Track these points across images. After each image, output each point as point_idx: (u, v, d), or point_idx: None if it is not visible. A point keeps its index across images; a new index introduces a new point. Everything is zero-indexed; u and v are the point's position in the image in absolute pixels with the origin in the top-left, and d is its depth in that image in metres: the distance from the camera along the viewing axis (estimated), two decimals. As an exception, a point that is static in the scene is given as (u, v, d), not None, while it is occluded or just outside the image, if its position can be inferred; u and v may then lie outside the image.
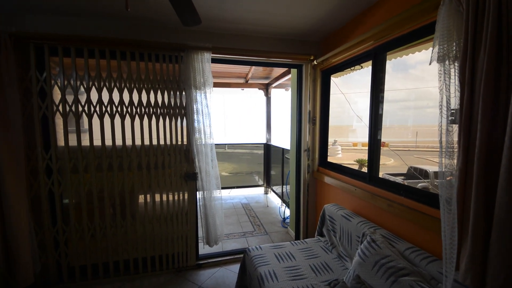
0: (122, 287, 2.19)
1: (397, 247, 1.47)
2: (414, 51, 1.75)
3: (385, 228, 1.72)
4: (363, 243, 1.56)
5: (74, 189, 2.11)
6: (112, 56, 2.08)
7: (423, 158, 8.29)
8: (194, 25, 1.43)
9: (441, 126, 1.07)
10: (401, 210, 1.57)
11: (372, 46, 1.87)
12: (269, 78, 4.61)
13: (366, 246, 1.51)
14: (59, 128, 2.09)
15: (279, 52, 2.47)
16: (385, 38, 1.72)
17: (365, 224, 1.74)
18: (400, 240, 1.53)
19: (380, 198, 1.75)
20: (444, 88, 1.07)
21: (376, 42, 1.80)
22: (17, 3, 1.80)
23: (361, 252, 1.52)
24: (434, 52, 1.10)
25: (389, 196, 1.70)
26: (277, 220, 3.71)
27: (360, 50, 1.98)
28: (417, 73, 10.82)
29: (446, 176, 1.06)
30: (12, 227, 1.83)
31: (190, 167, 2.36)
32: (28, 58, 1.93)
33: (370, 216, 1.89)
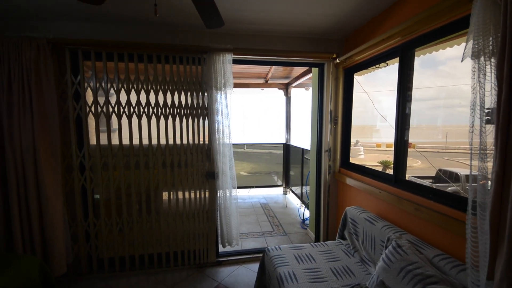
0: (146, 280, 2.29)
1: (425, 254, 1.40)
2: (445, 47, 1.66)
3: (412, 233, 1.64)
4: (388, 248, 1.50)
5: (104, 185, 2.25)
6: (139, 59, 2.19)
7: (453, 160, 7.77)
8: (217, 27, 1.46)
9: (473, 126, 1.01)
10: (429, 215, 1.49)
11: (399, 43, 1.79)
12: (289, 77, 4.58)
13: (392, 251, 1.45)
14: (91, 128, 2.23)
15: (300, 51, 2.45)
16: (414, 33, 1.64)
17: (390, 228, 1.67)
18: (428, 246, 1.46)
19: (406, 202, 1.67)
20: (477, 86, 1.00)
21: (404, 38, 1.72)
22: (53, 11, 1.95)
23: (386, 257, 1.46)
24: (468, 47, 1.04)
25: (417, 199, 1.62)
26: (296, 221, 3.68)
27: (386, 47, 1.90)
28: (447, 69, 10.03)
29: (479, 180, 0.99)
30: (49, 220, 1.99)
31: (211, 166, 2.41)
32: (64, 62, 2.09)
33: (395, 220, 1.82)
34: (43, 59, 1.91)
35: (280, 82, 4.91)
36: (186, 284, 2.23)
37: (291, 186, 5.06)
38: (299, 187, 4.52)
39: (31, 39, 1.88)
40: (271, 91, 5.17)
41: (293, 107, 5.09)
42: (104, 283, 2.23)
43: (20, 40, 1.86)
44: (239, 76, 4.36)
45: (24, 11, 1.92)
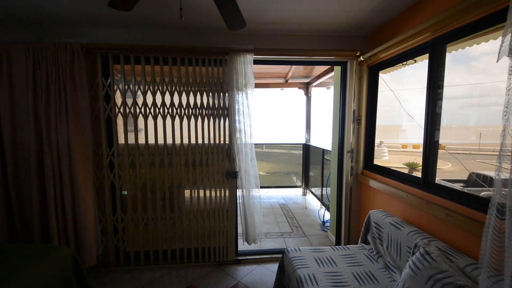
0: (169, 274, 2.37)
1: (456, 262, 1.31)
2: (480, 41, 1.54)
3: (442, 239, 1.55)
4: (415, 254, 1.43)
5: (131, 182, 2.36)
6: (164, 62, 2.27)
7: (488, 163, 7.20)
8: (239, 28, 1.48)
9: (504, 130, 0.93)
10: (461, 221, 1.40)
11: (429, 38, 1.69)
12: (310, 77, 4.51)
13: (419, 259, 1.38)
14: (120, 127, 2.35)
15: (322, 49, 2.40)
16: (446, 28, 1.54)
17: (418, 234, 1.59)
18: (459, 254, 1.37)
19: (436, 206, 1.58)
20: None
21: (434, 33, 1.62)
22: (86, 18, 2.08)
23: (413, 264, 1.39)
24: (505, 44, 0.95)
25: (447, 204, 1.53)
26: (316, 223, 3.61)
27: (414, 43, 1.81)
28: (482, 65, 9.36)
29: (510, 184, 0.91)
30: (81, 214, 2.13)
31: (231, 166, 2.44)
32: (95, 66, 2.22)
33: (423, 226, 1.72)
34: (77, 63, 2.04)
35: (300, 82, 4.85)
36: (207, 280, 2.28)
37: (310, 187, 4.99)
38: (319, 188, 4.44)
39: (67, 45, 2.02)
40: (291, 90, 5.13)
41: (313, 106, 5.01)
42: (130, 275, 2.35)
43: (56, 45, 2.01)
44: (259, 76, 4.37)
45: (59, 18, 2.07)
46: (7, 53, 1.99)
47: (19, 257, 1.55)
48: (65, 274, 1.63)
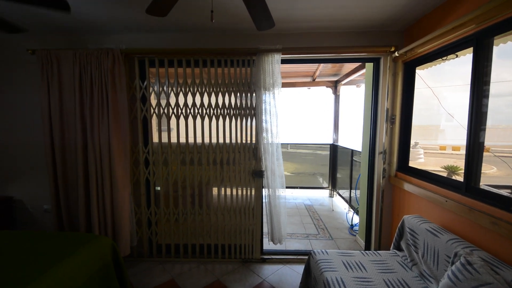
0: (197, 267, 2.47)
1: (503, 275, 1.19)
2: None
3: (486, 250, 1.41)
4: (455, 264, 1.33)
5: (164, 178, 2.50)
6: (195, 64, 2.37)
7: (543, 168, 6.36)
8: (268, 28, 1.49)
9: None
10: (510, 230, 1.27)
11: (473, 30, 1.56)
12: (339, 75, 4.38)
13: (460, 269, 1.28)
14: (153, 127, 2.50)
15: (352, 46, 2.32)
16: (493, 19, 1.40)
17: (458, 243, 1.47)
18: (507, 266, 1.24)
19: (480, 213, 1.45)
20: None
21: (480, 25, 1.49)
22: (125, 25, 2.24)
23: (452, 274, 1.29)
24: None
25: (494, 212, 1.39)
26: (344, 226, 3.50)
27: (456, 36, 1.67)
28: (534, 59, 8.14)
29: None
30: (119, 207, 2.30)
31: (257, 165, 2.46)
32: (133, 69, 2.38)
33: (465, 234, 1.59)
34: (117, 67, 2.21)
35: (329, 80, 4.73)
36: (233, 276, 2.33)
37: (338, 189, 4.84)
38: (347, 190, 4.29)
39: (108, 51, 2.19)
40: (318, 89, 5.02)
41: (342, 105, 4.85)
42: (162, 266, 2.48)
43: (99, 51, 2.19)
44: (285, 76, 4.35)
45: (102, 26, 2.25)
46: (57, 59, 2.22)
47: (67, 244, 1.73)
48: (105, 261, 1.77)
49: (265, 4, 1.27)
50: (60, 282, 1.40)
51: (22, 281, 1.30)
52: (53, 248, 1.66)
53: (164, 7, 1.25)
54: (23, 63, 2.47)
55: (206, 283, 2.23)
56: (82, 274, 1.55)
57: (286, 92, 5.62)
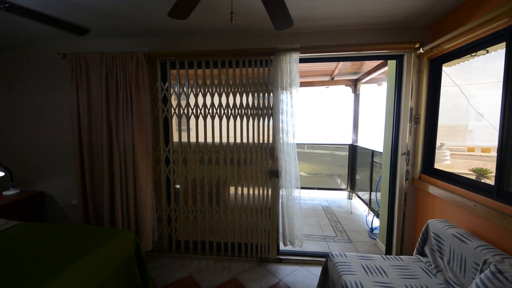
0: (214, 264, 2.51)
1: (542, 288, 1.10)
2: None
3: (521, 259, 1.31)
4: (484, 272, 1.25)
5: (183, 176, 2.57)
6: (214, 65, 2.41)
7: None
8: (286, 27, 1.48)
9: None
10: (551, 240, 1.17)
11: (506, 24, 1.45)
12: (359, 73, 4.26)
13: (489, 277, 1.20)
14: (174, 127, 2.58)
15: (374, 43, 2.25)
16: (532, 11, 1.30)
17: (488, 250, 1.38)
18: (547, 279, 1.14)
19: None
20: None
21: (515, 18, 1.39)
22: (148, 29, 2.32)
23: (481, 283, 1.22)
24: None
25: (531, 219, 1.29)
26: (363, 229, 3.40)
27: (487, 31, 1.57)
28: None
29: None
30: (141, 203, 2.39)
31: (274, 165, 2.46)
32: (156, 71, 2.47)
33: (495, 241, 1.49)
34: (141, 70, 2.31)
35: (348, 79, 4.62)
36: (249, 275, 2.34)
37: (357, 191, 4.71)
38: (366, 192, 4.17)
39: (132, 54, 2.29)
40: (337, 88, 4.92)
41: (362, 105, 4.72)
42: (181, 262, 2.55)
43: (124, 54, 2.30)
44: (303, 75, 4.31)
45: (127, 31, 2.35)
46: (85, 63, 2.36)
47: (93, 237, 1.83)
48: (128, 254, 1.85)
49: (284, 3, 1.27)
50: (88, 273, 1.49)
51: (54, 270, 1.40)
52: (81, 240, 1.76)
53: (185, 10, 1.29)
54: (54, 67, 2.65)
55: (223, 281, 2.26)
56: (109, 266, 1.64)
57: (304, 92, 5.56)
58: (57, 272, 1.38)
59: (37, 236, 1.83)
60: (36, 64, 2.71)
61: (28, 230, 1.91)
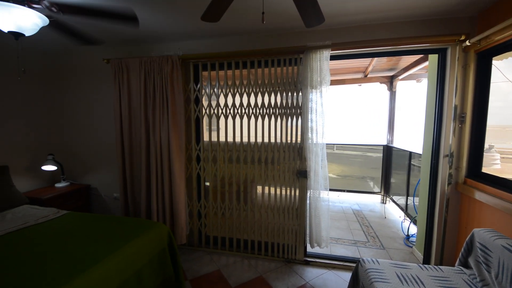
0: (241, 262, 2.56)
1: None
2: None
3: None
4: (546, 292, 1.10)
5: (212, 174, 2.66)
6: (244, 66, 2.46)
7: None
8: (317, 24, 1.45)
9: None
10: None
11: None
12: (395, 69, 4.01)
13: (552, 299, 1.05)
14: (204, 126, 2.68)
15: (412, 37, 2.10)
16: None
17: (551, 267, 1.21)
18: None
19: None
20: None
21: None
22: (181, 33, 2.45)
23: (541, 304, 1.07)
24: None
25: None
26: (398, 236, 3.20)
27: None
28: None
29: None
30: (175, 198, 2.53)
31: (302, 165, 2.43)
32: (188, 73, 2.59)
33: (561, 258, 1.30)
34: (175, 72, 2.44)
35: (383, 76, 4.37)
36: (275, 274, 2.34)
37: (391, 195, 4.44)
38: (402, 197, 3.90)
39: (168, 57, 2.42)
40: (371, 86, 4.68)
41: (398, 103, 4.43)
42: (209, 257, 2.65)
43: (161, 58, 2.44)
44: (334, 72, 4.17)
45: (163, 35, 2.50)
46: (127, 67, 2.56)
47: (132, 227, 1.97)
48: (162, 246, 1.97)
49: (315, 0, 1.25)
50: (127, 260, 1.62)
51: (98, 256, 1.54)
52: (121, 230, 1.92)
53: (217, 13, 1.33)
54: (100, 71, 2.92)
55: (249, 278, 2.29)
56: (144, 256, 1.76)
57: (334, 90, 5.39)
58: (101, 258, 1.52)
59: (83, 225, 2.02)
60: (85, 68, 3.02)
61: (76, 219, 2.13)
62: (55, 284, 1.26)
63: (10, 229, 1.88)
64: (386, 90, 4.46)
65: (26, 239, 1.77)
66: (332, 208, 4.20)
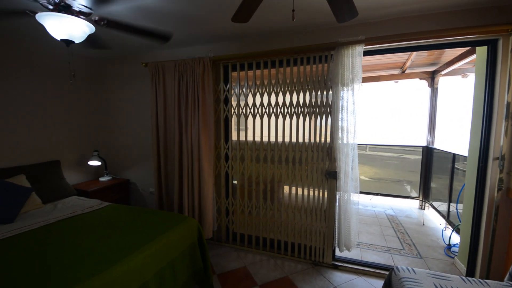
0: (267, 260, 2.56)
1: None
2: None
3: None
4: None
5: (240, 173, 2.71)
6: (272, 65, 2.46)
7: None
8: (350, 19, 1.40)
9: None
10: None
11: None
12: (437, 64, 3.69)
13: None
14: (232, 126, 2.73)
15: (456, 28, 1.91)
16: None
17: None
18: None
19: None
20: None
21: None
22: (212, 35, 2.52)
23: None
24: None
25: None
26: (438, 245, 2.94)
27: None
28: None
29: None
30: (204, 194, 2.62)
31: (331, 165, 2.36)
32: (219, 74, 2.67)
33: None
34: (206, 73, 2.53)
35: (423, 71, 4.05)
36: (302, 276, 2.31)
37: (431, 200, 4.10)
38: (443, 203, 3.58)
39: (200, 59, 2.52)
40: (409, 82, 4.36)
41: (440, 100, 4.06)
42: (236, 253, 2.70)
43: (193, 60, 2.55)
44: (367, 69, 3.97)
45: (196, 38, 2.60)
46: (163, 69, 2.71)
47: (166, 220, 2.09)
48: (193, 240, 2.06)
49: (347, -6, 1.21)
50: (162, 250, 1.72)
51: (137, 244, 1.67)
52: (156, 223, 2.04)
53: (247, 14, 1.35)
54: (139, 75, 3.14)
55: (276, 277, 2.29)
56: (177, 248, 1.86)
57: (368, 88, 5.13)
58: (139, 246, 1.64)
59: (123, 216, 2.20)
60: (125, 72, 3.28)
61: (116, 210, 2.32)
62: (101, 268, 1.39)
63: (60, 217, 2.12)
64: (427, 87, 4.12)
65: (74, 226, 1.98)
66: (364, 212, 4.01)
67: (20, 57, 2.62)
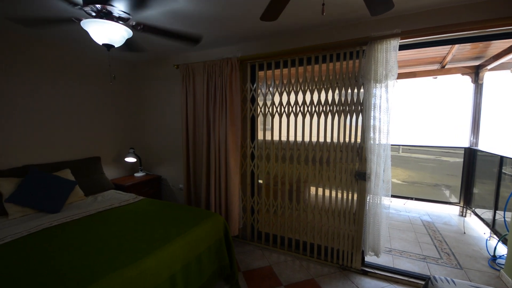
0: (292, 261, 2.53)
1: None
2: None
3: None
4: None
5: (266, 172, 2.71)
6: (300, 63, 2.42)
7: None
8: (385, 11, 1.32)
9: None
10: None
11: None
12: (482, 57, 3.36)
13: None
14: (258, 125, 2.74)
15: (505, 17, 1.72)
16: None
17: None
18: None
19: None
20: None
21: None
22: (239, 36, 2.55)
23: None
24: None
25: None
26: (481, 255, 2.68)
27: None
28: None
29: None
30: (231, 192, 2.66)
31: (362, 166, 2.26)
32: (246, 74, 2.70)
33: None
34: (234, 73, 2.56)
35: (466, 66, 3.70)
36: (328, 280, 2.24)
37: (473, 207, 3.74)
38: (488, 210, 3.25)
39: (228, 60, 2.56)
40: (449, 78, 4.02)
41: (485, 98, 3.69)
42: (261, 252, 2.70)
43: (221, 61, 2.60)
44: (402, 65, 3.73)
45: (223, 39, 2.66)
46: (193, 71, 2.81)
47: (195, 215, 2.16)
48: (219, 236, 2.10)
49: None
50: (190, 244, 1.79)
51: (168, 237, 1.75)
52: (186, 217, 2.12)
53: (275, 11, 1.34)
54: (171, 76, 3.28)
55: (301, 279, 2.25)
56: (204, 243, 1.91)
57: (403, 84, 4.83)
58: (170, 239, 1.72)
59: (155, 210, 2.31)
60: (159, 74, 3.46)
61: (149, 204, 2.45)
62: (136, 258, 1.49)
63: (99, 209, 2.29)
64: (470, 83, 3.76)
65: (112, 218, 2.12)
66: (396, 217, 3.79)
67: (68, 62, 2.88)
